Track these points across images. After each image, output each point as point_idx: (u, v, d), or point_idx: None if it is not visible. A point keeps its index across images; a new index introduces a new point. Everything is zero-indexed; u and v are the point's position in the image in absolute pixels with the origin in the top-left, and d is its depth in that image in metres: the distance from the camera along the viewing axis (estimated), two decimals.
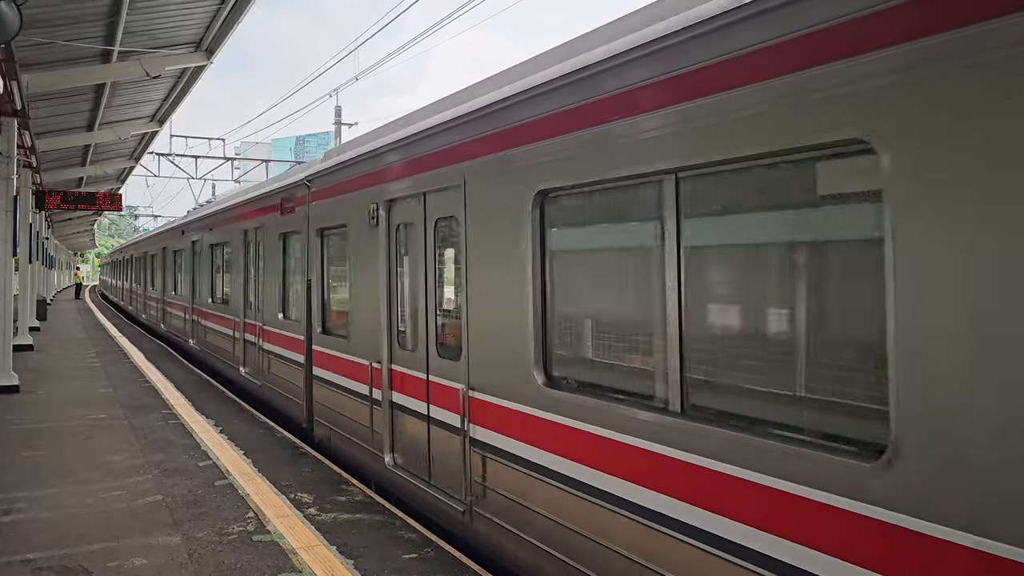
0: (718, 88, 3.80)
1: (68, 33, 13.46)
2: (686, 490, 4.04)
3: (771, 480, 3.52)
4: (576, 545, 4.87)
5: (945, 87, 2.87)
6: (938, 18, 2.89)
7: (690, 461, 4.00)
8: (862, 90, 3.14)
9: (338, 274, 9.38)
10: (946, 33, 2.86)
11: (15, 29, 9.14)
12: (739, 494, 3.70)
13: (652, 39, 4.23)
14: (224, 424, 10.94)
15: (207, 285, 17.44)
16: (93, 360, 18.54)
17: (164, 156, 31.97)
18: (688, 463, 4.02)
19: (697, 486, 3.96)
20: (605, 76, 4.61)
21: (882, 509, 3.05)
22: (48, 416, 11.41)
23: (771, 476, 3.52)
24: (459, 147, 6.24)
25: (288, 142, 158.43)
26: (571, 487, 4.93)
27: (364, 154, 8.10)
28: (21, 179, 18.46)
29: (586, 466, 4.79)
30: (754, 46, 3.60)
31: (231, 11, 13.96)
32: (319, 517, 6.85)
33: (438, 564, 5.79)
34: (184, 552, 5.96)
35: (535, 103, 5.27)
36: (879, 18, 3.09)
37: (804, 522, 3.36)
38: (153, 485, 7.78)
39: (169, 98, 20.29)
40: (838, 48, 3.24)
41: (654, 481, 4.24)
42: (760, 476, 3.58)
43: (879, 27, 3.09)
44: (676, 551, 4.08)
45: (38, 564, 5.71)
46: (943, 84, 2.88)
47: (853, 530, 3.16)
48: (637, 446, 4.36)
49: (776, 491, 3.50)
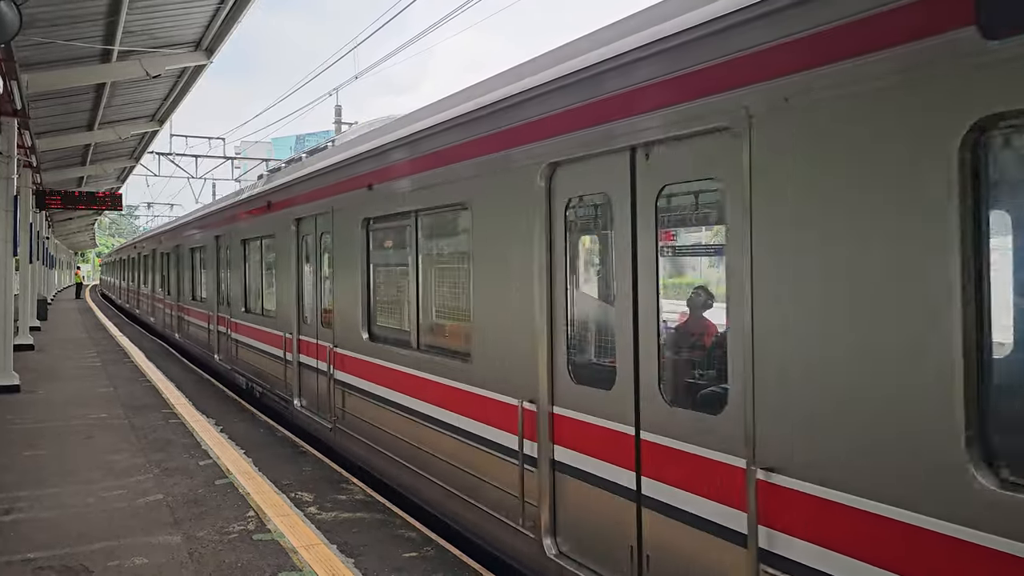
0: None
1: (68, 33, 13.47)
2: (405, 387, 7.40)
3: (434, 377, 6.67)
4: (381, 439, 7.81)
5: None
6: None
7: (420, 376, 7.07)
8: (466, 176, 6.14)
9: (268, 269, 12.78)
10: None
11: (15, 29, 9.14)
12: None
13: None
14: (225, 423, 10.94)
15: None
16: (94, 360, 18.55)
17: (164, 155, 31.92)
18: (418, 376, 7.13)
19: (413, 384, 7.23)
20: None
21: (473, 387, 6.06)
22: (49, 416, 11.43)
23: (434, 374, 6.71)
24: (326, 188, 9.44)
25: (288, 141, 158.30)
26: (380, 402, 7.84)
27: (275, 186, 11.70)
28: (21, 179, 18.46)
29: (385, 387, 7.69)
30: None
31: (231, 11, 13.97)
32: (319, 516, 6.85)
33: (438, 563, 5.80)
34: (185, 551, 5.96)
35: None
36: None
37: (436, 391, 6.68)
38: (154, 484, 7.79)
39: (169, 97, 20.30)
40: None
41: (404, 388, 7.35)
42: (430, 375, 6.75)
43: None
44: (408, 425, 7.22)
45: (39, 563, 5.72)
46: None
47: (458, 397, 6.31)
48: (401, 370, 7.40)
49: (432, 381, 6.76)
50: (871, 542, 3.08)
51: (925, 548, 2.87)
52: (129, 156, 29.36)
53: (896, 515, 2.98)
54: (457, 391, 6.30)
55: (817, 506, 3.31)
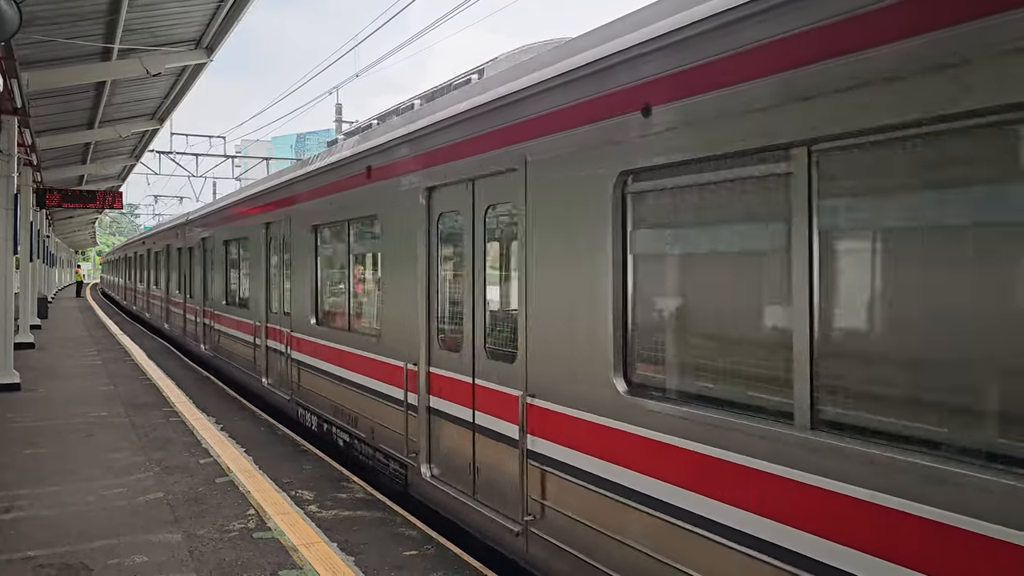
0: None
1: (68, 31, 13.45)
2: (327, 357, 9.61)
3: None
4: (323, 403, 9.72)
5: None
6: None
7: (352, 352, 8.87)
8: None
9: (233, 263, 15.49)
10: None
11: (15, 27, 9.13)
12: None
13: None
14: (225, 422, 10.95)
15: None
16: (94, 358, 18.56)
17: (165, 154, 31.91)
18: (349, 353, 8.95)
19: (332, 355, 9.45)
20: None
21: (380, 356, 7.89)
22: (49, 414, 11.43)
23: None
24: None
25: (289, 139, 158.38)
26: (326, 375, 9.56)
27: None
28: (22, 177, 18.47)
29: (330, 362, 9.44)
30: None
31: (231, 9, 13.95)
32: (320, 514, 6.86)
33: (438, 561, 5.80)
34: (185, 549, 5.97)
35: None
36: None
37: (358, 362, 8.52)
38: (154, 483, 7.80)
39: (169, 96, 20.28)
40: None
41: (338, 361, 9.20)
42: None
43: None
44: (339, 389, 9.15)
45: (39, 561, 5.72)
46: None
47: (371, 364, 8.11)
48: (337, 347, 9.31)
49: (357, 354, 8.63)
50: (573, 434, 4.99)
51: (598, 433, 4.75)
52: (129, 154, 29.34)
53: (583, 416, 4.88)
54: (370, 360, 8.18)
55: (549, 415, 5.22)
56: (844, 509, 3.25)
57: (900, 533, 3.04)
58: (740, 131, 3.73)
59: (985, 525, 2.77)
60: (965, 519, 2.83)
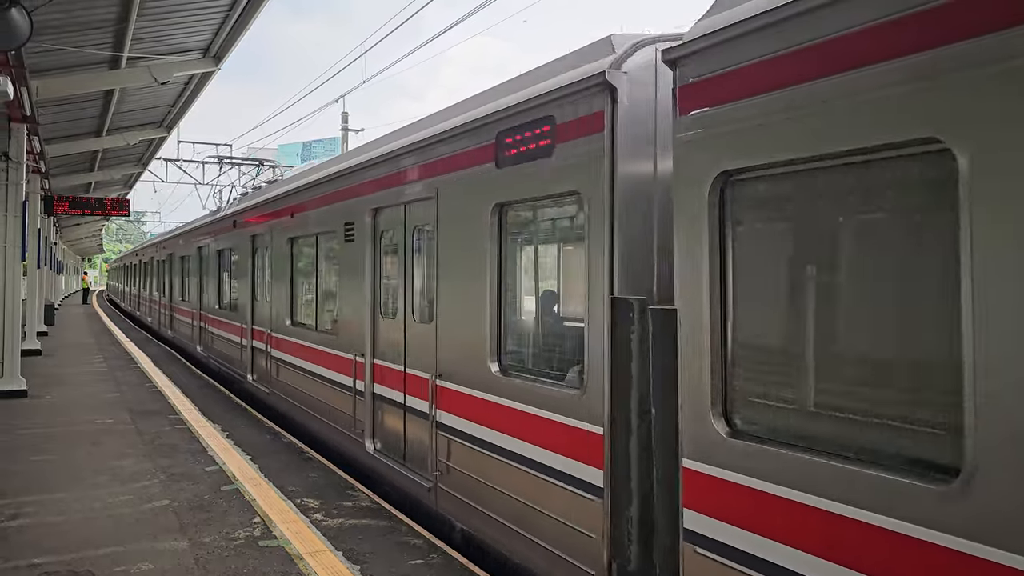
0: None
1: (78, 39, 13.53)
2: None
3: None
4: (294, 394, 11.21)
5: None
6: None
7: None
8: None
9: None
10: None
11: (25, 36, 9.20)
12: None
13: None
14: (231, 429, 10.95)
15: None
16: (100, 365, 18.60)
17: (172, 162, 32.01)
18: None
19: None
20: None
21: (335, 350, 9.47)
22: (56, 421, 11.45)
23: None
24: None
25: (295, 147, 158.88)
26: (297, 368, 11.01)
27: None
28: (30, 184, 18.56)
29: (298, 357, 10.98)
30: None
31: (239, 18, 14.03)
32: (325, 522, 6.84)
33: (444, 570, 5.78)
34: (191, 557, 5.96)
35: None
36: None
37: (320, 356, 10.06)
38: (160, 490, 7.79)
39: (177, 104, 20.37)
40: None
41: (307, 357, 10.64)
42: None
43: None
44: (305, 380, 10.64)
45: (45, 568, 5.72)
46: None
47: (328, 358, 9.67)
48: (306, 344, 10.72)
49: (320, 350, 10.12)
50: (465, 408, 6.29)
51: (478, 406, 6.06)
52: (137, 162, 29.46)
53: (469, 392, 6.21)
54: (329, 354, 9.52)
55: (450, 393, 6.53)
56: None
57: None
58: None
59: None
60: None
